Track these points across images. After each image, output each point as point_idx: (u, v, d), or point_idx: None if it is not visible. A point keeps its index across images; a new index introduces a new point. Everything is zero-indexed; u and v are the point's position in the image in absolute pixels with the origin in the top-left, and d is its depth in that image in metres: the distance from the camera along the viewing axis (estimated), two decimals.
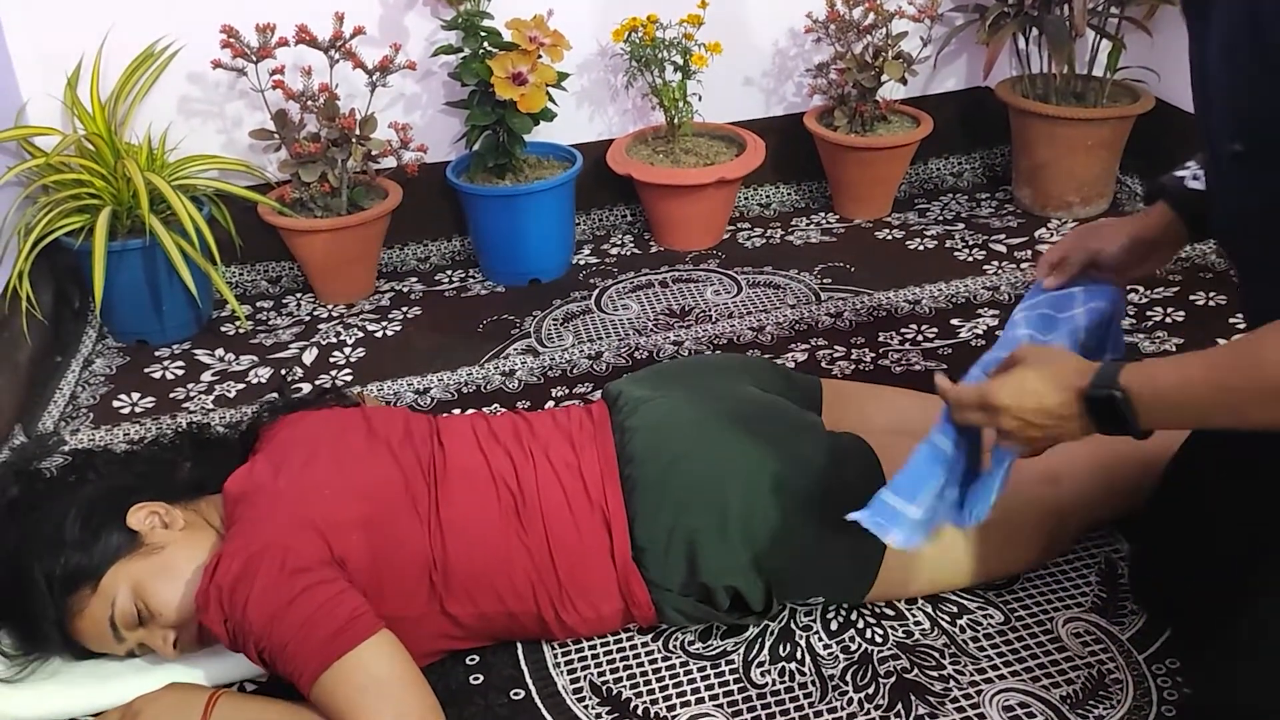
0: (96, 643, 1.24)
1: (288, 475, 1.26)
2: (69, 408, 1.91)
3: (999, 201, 2.52)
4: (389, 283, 2.31)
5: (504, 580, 1.26)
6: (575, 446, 1.33)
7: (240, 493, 1.27)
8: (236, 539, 1.18)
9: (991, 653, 1.30)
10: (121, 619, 1.22)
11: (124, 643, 1.24)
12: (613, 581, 1.28)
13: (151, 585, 1.22)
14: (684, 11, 2.25)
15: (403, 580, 1.24)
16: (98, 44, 2.07)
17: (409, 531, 1.25)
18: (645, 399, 1.38)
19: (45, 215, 1.94)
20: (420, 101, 2.31)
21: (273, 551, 1.15)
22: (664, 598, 1.29)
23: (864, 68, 2.34)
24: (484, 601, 1.26)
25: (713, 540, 1.25)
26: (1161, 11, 2.28)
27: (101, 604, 1.22)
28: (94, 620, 1.22)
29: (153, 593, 1.22)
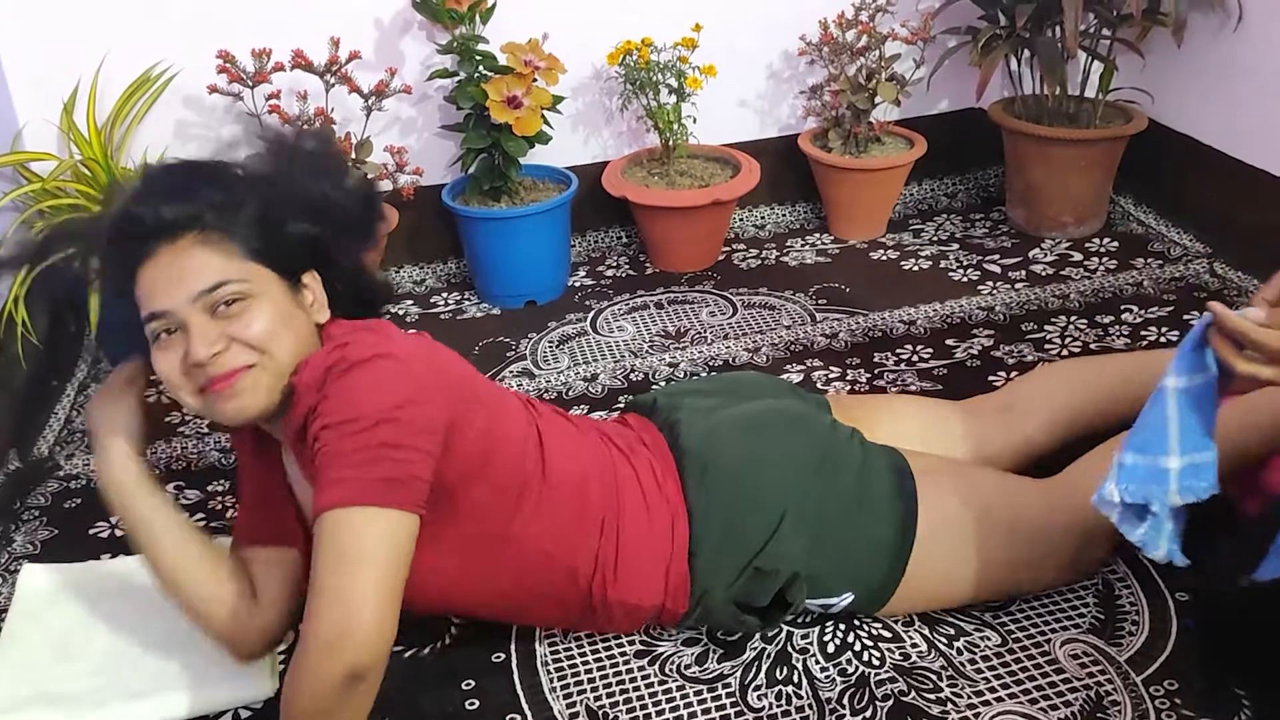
0: (163, 292, 1.13)
1: (418, 341, 1.21)
2: (64, 432, 1.91)
3: (993, 222, 2.53)
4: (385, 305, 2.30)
5: (576, 529, 1.26)
6: (628, 441, 1.37)
7: (367, 326, 1.21)
8: (372, 335, 1.15)
9: (989, 674, 1.30)
10: (223, 294, 1.13)
11: (184, 316, 1.13)
12: (663, 565, 1.29)
13: (271, 312, 1.15)
14: (678, 34, 2.27)
15: (496, 485, 1.21)
16: (94, 69, 2.07)
17: (518, 446, 1.24)
18: (684, 400, 1.43)
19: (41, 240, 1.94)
20: (416, 125, 2.32)
21: (399, 376, 1.11)
22: (708, 589, 1.29)
23: (858, 90, 2.35)
24: (553, 539, 1.25)
25: (768, 529, 1.28)
26: (1153, 34, 2.29)
27: (222, 267, 1.14)
28: (198, 269, 1.13)
29: (268, 316, 1.15)
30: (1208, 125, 2.31)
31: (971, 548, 1.33)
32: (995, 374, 1.90)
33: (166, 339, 1.16)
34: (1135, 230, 2.42)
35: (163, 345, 1.16)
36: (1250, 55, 2.18)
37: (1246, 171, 2.21)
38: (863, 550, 1.32)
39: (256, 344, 1.14)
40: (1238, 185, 2.23)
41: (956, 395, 1.72)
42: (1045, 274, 2.26)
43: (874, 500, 1.32)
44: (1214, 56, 2.26)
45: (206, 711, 1.30)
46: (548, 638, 1.39)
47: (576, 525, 1.27)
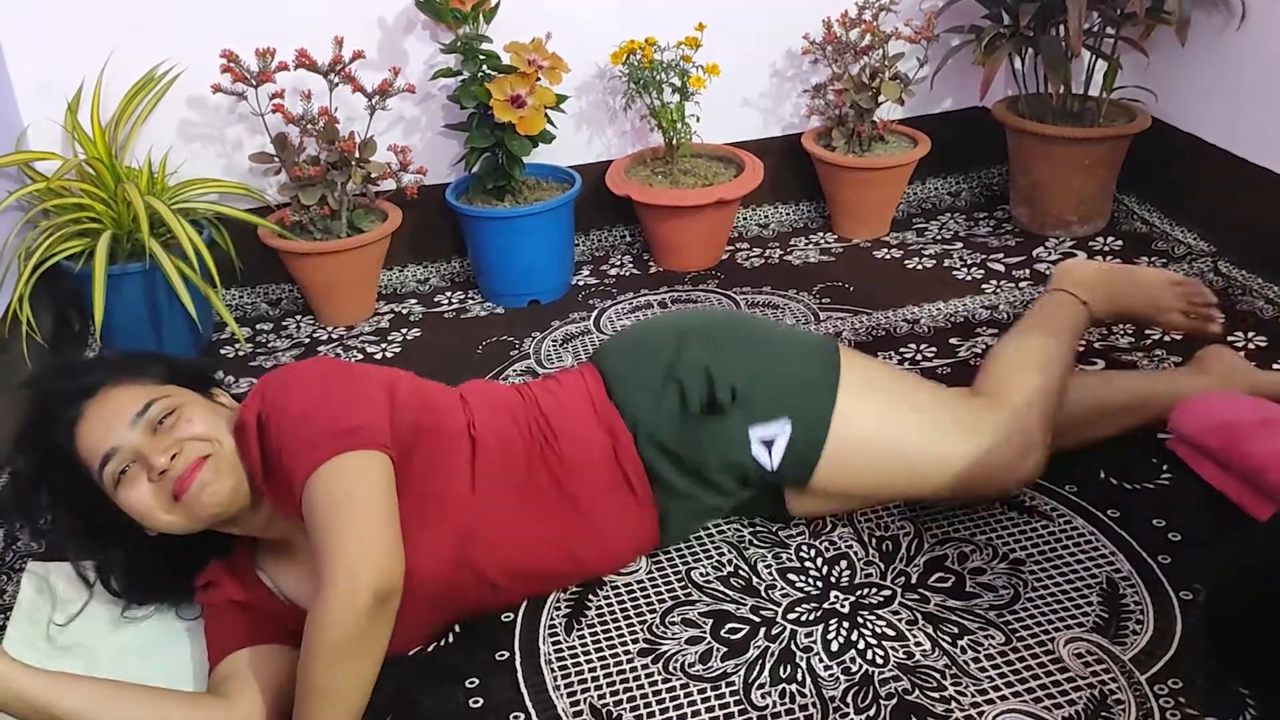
0: (104, 433, 1.23)
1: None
2: None
3: (997, 221, 2.53)
4: (389, 304, 2.31)
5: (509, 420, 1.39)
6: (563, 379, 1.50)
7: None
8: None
9: (993, 673, 1.30)
10: (155, 412, 1.24)
11: (132, 443, 1.22)
12: (588, 402, 1.42)
13: (203, 411, 1.28)
14: (682, 34, 2.27)
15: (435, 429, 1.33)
16: (98, 69, 2.08)
17: (442, 395, 1.40)
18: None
19: (46, 239, 1.95)
20: (419, 124, 2.32)
21: (314, 364, 1.33)
22: (639, 414, 1.40)
23: (861, 88, 2.35)
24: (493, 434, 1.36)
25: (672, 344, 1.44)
26: (1157, 32, 2.29)
27: (144, 392, 1.26)
28: (125, 401, 1.24)
29: (202, 414, 1.27)
30: (1212, 124, 2.30)
31: (896, 416, 1.44)
32: None
33: (124, 476, 1.24)
34: (1139, 229, 2.42)
35: (124, 482, 1.24)
36: (1254, 53, 2.18)
37: (1250, 170, 2.20)
38: (794, 378, 1.43)
39: (203, 436, 1.26)
40: (1242, 183, 2.23)
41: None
42: (1049, 273, 2.26)
43: (800, 340, 1.52)
44: (1218, 55, 2.25)
45: None
46: (551, 636, 1.39)
47: (510, 418, 1.40)
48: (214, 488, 1.24)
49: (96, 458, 1.23)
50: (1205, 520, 1.52)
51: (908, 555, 1.49)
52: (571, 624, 1.41)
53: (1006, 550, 1.49)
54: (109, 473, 1.23)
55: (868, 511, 1.58)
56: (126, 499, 1.23)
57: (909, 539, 1.52)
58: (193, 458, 1.23)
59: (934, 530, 1.53)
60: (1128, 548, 1.47)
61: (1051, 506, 1.56)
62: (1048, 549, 1.49)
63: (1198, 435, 1.59)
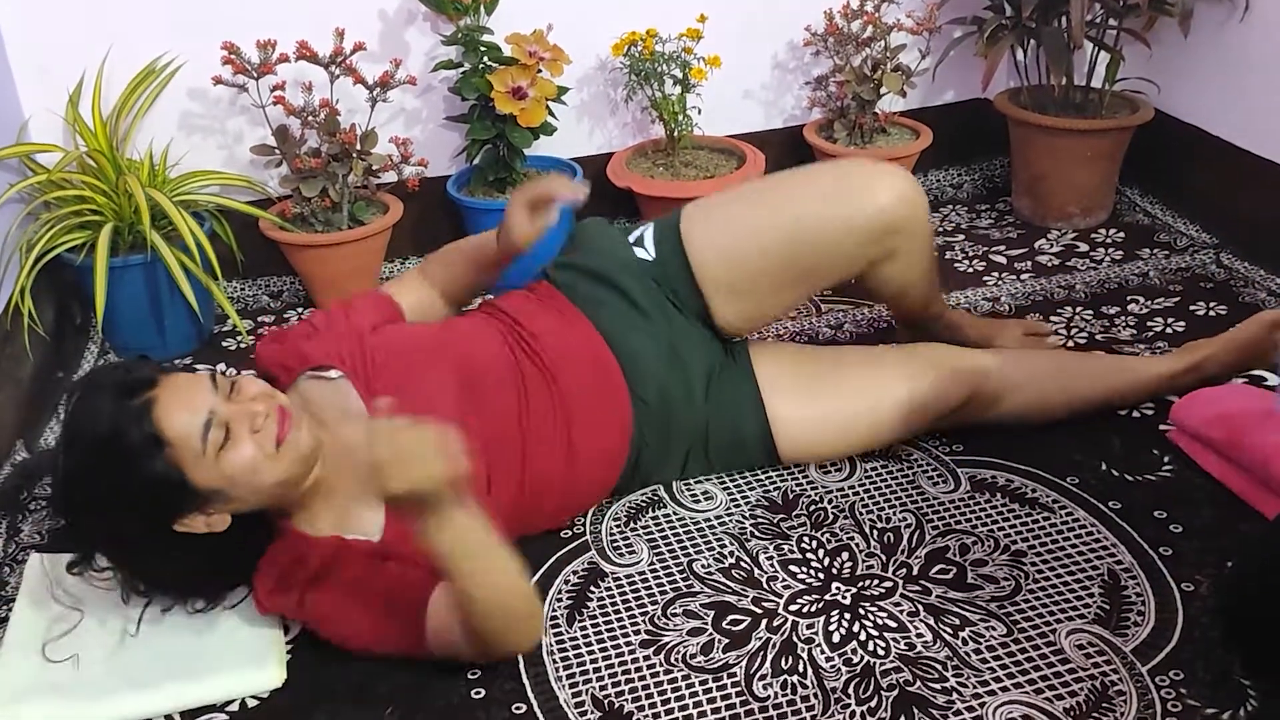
0: (193, 404, 1.25)
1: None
2: None
3: (999, 213, 2.53)
4: None
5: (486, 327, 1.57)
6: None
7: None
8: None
9: (994, 664, 1.30)
10: (222, 381, 1.30)
11: (224, 408, 1.26)
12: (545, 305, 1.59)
13: (246, 379, 1.34)
14: (683, 25, 2.26)
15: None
16: (99, 61, 2.07)
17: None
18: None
19: (47, 231, 1.94)
20: (421, 116, 2.32)
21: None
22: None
23: (863, 80, 2.35)
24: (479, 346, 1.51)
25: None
26: (1160, 24, 2.29)
27: (195, 377, 1.30)
28: (190, 378, 1.29)
29: (248, 381, 1.33)
30: (1214, 115, 2.30)
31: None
32: None
33: (229, 440, 1.27)
34: (1141, 221, 2.41)
35: (230, 445, 1.27)
36: (1257, 45, 2.17)
37: (1253, 162, 2.20)
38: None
39: (268, 394, 1.32)
40: (1244, 176, 2.22)
41: None
42: (1051, 265, 2.26)
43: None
44: (1221, 47, 2.25)
45: (214, 701, 1.31)
46: (553, 627, 1.39)
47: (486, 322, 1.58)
48: (302, 429, 1.31)
49: (195, 429, 1.24)
50: (1207, 512, 1.52)
51: (909, 547, 1.49)
52: (573, 615, 1.41)
53: (1008, 542, 1.49)
54: (213, 440, 1.24)
55: (869, 504, 1.58)
56: (235, 459, 1.25)
57: (910, 530, 1.52)
58: (275, 408, 1.30)
59: (935, 522, 1.54)
60: (1129, 539, 1.48)
61: (1053, 498, 1.57)
62: (1049, 540, 1.49)
63: (1200, 427, 1.59)
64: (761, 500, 1.60)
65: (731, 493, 1.62)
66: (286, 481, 1.30)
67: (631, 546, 1.53)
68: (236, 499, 1.29)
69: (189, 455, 1.24)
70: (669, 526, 1.56)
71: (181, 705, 1.30)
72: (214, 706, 1.31)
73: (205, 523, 1.29)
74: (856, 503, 1.59)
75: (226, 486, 1.27)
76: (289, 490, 1.32)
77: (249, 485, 1.28)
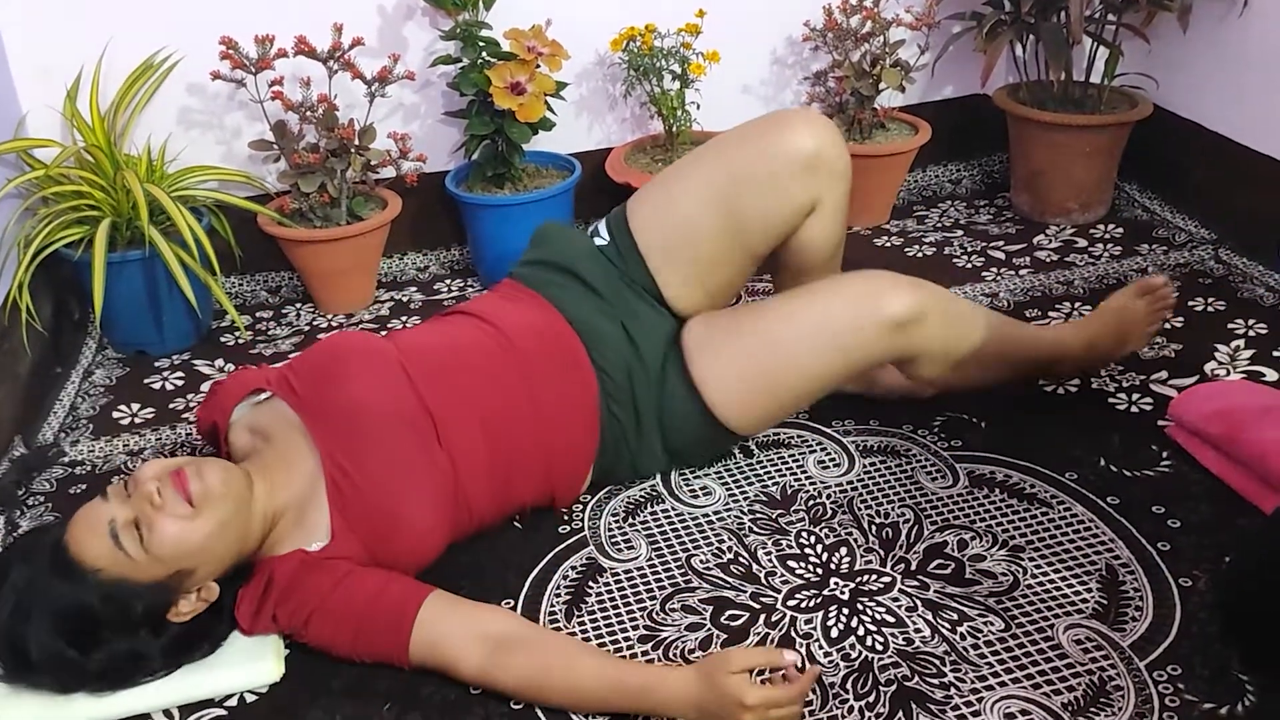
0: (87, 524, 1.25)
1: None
2: (69, 419, 1.91)
3: (997, 208, 2.53)
4: (388, 292, 2.31)
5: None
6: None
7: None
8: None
9: (992, 660, 1.30)
10: (113, 488, 1.28)
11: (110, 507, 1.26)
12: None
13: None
14: (682, 20, 2.26)
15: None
16: (97, 56, 2.07)
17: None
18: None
19: (45, 227, 1.94)
20: (419, 111, 2.32)
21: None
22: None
23: (862, 75, 2.35)
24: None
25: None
26: (1159, 19, 2.29)
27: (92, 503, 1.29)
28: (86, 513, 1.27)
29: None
30: (1213, 111, 2.30)
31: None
32: None
33: (142, 533, 1.26)
34: (1140, 216, 2.41)
35: (146, 535, 1.26)
36: (1256, 41, 2.17)
37: (1252, 157, 2.20)
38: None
39: (162, 467, 1.31)
40: (1243, 171, 2.22)
41: None
42: (1050, 260, 2.26)
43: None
44: (1219, 42, 2.25)
45: (213, 695, 1.31)
46: (551, 622, 1.39)
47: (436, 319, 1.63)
48: (205, 475, 1.28)
49: (106, 545, 1.23)
50: (1205, 508, 1.52)
51: (907, 542, 1.49)
52: (571, 610, 1.41)
53: (1006, 537, 1.49)
54: (127, 543, 1.23)
55: (868, 499, 1.58)
56: (159, 540, 1.23)
57: (909, 526, 1.52)
58: (168, 475, 1.28)
59: (934, 517, 1.54)
60: (1127, 534, 1.48)
61: (1051, 494, 1.57)
62: (1047, 536, 1.49)
63: (1198, 422, 1.59)
64: (760, 495, 1.60)
65: (730, 488, 1.62)
66: (227, 523, 1.29)
67: (630, 541, 1.53)
68: (200, 566, 1.27)
69: (123, 566, 1.23)
70: (667, 522, 1.56)
71: (180, 700, 1.30)
72: (213, 701, 1.31)
73: (197, 598, 1.29)
74: (855, 498, 1.59)
75: (178, 566, 1.25)
76: (242, 530, 1.31)
77: (194, 551, 1.26)
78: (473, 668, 1.26)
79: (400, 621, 1.28)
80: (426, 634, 1.27)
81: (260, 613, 1.32)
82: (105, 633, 1.24)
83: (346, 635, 1.29)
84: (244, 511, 1.31)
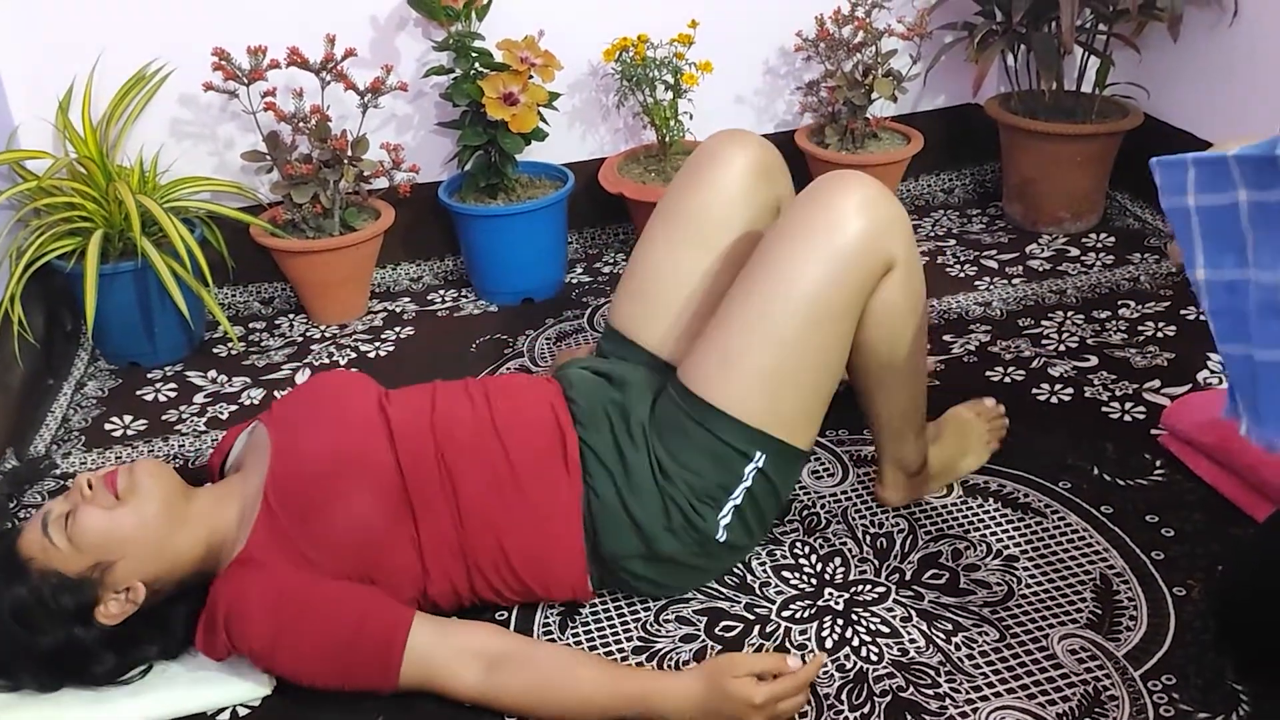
0: (30, 525, 1.29)
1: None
2: (61, 430, 1.91)
3: (990, 217, 2.53)
4: (382, 303, 2.30)
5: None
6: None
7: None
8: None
9: (987, 670, 1.30)
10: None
11: (49, 503, 1.30)
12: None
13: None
14: (674, 31, 2.26)
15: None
16: (89, 67, 2.07)
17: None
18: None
19: (37, 238, 1.94)
20: (412, 122, 2.32)
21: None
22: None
23: (854, 85, 2.35)
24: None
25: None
26: (1149, 29, 2.29)
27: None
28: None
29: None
30: (1204, 120, 2.31)
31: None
32: (992, 369, 1.90)
33: (70, 517, 1.29)
34: (1132, 225, 2.42)
35: (71, 523, 1.29)
36: (1246, 50, 2.18)
37: None
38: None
39: (101, 473, 1.34)
40: None
41: (954, 391, 1.72)
42: (1042, 269, 2.26)
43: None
44: (1210, 51, 2.26)
45: (205, 709, 1.30)
46: (545, 634, 1.39)
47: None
48: (140, 469, 1.32)
49: (38, 533, 1.27)
50: (1199, 517, 1.52)
51: (902, 552, 1.49)
52: (565, 622, 1.40)
53: (1000, 547, 1.49)
54: (54, 532, 1.26)
55: (862, 509, 1.58)
56: (82, 526, 1.26)
57: (903, 536, 1.52)
58: (103, 476, 1.31)
59: (928, 527, 1.54)
60: (1121, 544, 1.48)
61: (1045, 503, 1.57)
62: (1041, 545, 1.49)
63: (1191, 431, 1.59)
64: None
65: None
66: (151, 519, 1.29)
67: None
68: (120, 560, 1.26)
69: (51, 556, 1.25)
70: None
71: (172, 713, 1.30)
72: (205, 715, 1.30)
73: (126, 599, 1.28)
74: (849, 508, 1.58)
75: (97, 556, 1.26)
76: (167, 530, 1.30)
77: (113, 542, 1.26)
78: (469, 688, 1.25)
79: (388, 652, 1.24)
80: (417, 660, 1.25)
81: (212, 630, 1.27)
82: (43, 624, 1.25)
83: (328, 668, 1.25)
84: (172, 513, 1.30)
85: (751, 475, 1.35)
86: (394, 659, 1.24)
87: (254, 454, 1.41)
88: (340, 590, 1.27)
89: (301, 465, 1.33)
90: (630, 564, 1.37)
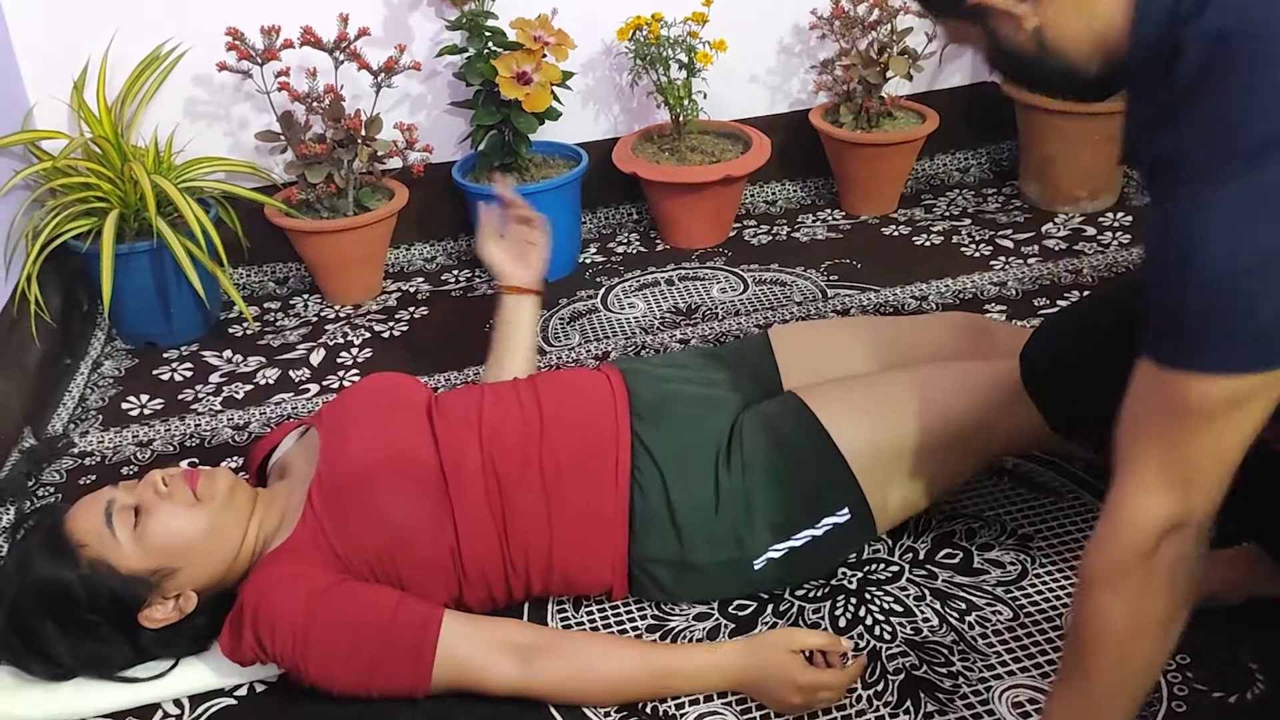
0: (85, 507, 1.27)
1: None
2: (78, 410, 1.92)
3: (1005, 196, 2.52)
4: (395, 283, 2.31)
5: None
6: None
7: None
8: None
9: (1000, 649, 1.30)
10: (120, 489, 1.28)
11: (111, 492, 1.28)
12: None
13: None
14: (688, 9, 2.25)
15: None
16: (104, 47, 2.07)
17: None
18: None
19: (53, 219, 1.95)
20: (425, 102, 2.31)
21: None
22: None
23: (869, 64, 2.34)
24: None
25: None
26: None
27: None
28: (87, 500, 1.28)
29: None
30: None
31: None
32: None
33: (138, 520, 1.28)
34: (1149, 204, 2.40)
35: (142, 520, 1.27)
36: None
37: None
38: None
39: (171, 471, 1.33)
40: None
41: None
42: (1058, 249, 2.25)
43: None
44: None
45: (223, 685, 1.31)
46: (560, 613, 1.39)
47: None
48: (220, 475, 1.31)
49: (99, 520, 1.24)
50: None
51: (915, 531, 1.49)
52: (580, 600, 1.41)
53: (1015, 526, 1.49)
54: (120, 523, 1.24)
55: None
56: (156, 525, 1.25)
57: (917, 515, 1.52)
58: (180, 473, 1.30)
59: (942, 506, 1.53)
60: None
61: (1060, 483, 1.56)
62: (1056, 525, 1.49)
63: None
64: None
65: None
66: (221, 529, 1.28)
67: None
68: (184, 567, 1.26)
69: (108, 548, 1.23)
70: None
71: (189, 690, 1.31)
72: (223, 691, 1.31)
73: (174, 606, 1.27)
74: None
75: (163, 561, 1.24)
76: (231, 543, 1.30)
77: (184, 547, 1.25)
78: (507, 680, 1.23)
79: (420, 646, 1.21)
80: (450, 656, 1.22)
81: (239, 631, 1.23)
82: (75, 614, 1.23)
83: (358, 667, 1.21)
84: (239, 525, 1.30)
85: (826, 527, 1.34)
86: (426, 654, 1.21)
87: (303, 456, 1.40)
88: (370, 590, 1.26)
89: (347, 467, 1.31)
90: (655, 569, 1.35)
